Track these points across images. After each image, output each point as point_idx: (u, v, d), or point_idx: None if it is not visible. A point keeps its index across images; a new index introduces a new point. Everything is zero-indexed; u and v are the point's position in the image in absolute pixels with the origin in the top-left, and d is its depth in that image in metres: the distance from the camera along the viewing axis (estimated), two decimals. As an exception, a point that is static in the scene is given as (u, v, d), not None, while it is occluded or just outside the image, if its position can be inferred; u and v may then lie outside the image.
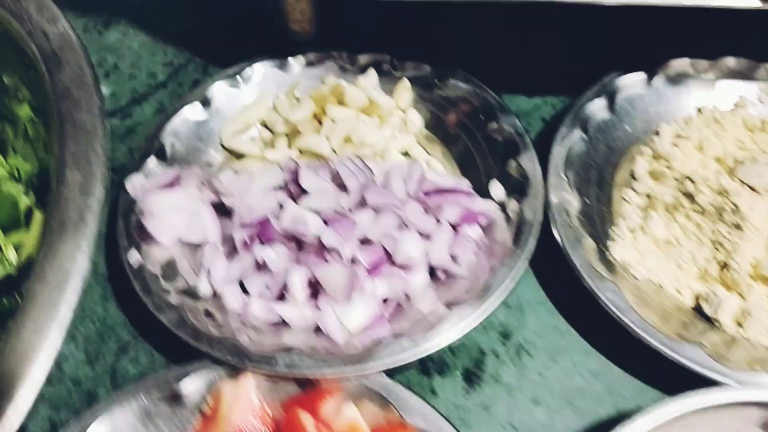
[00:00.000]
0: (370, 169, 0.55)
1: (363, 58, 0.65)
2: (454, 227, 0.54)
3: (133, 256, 0.53)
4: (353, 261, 0.51)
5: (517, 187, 0.56)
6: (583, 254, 0.52)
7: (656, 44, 0.64)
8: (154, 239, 0.54)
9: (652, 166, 0.60)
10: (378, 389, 0.47)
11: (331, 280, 0.50)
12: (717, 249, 0.54)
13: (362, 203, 0.54)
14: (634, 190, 0.59)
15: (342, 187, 0.55)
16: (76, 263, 0.42)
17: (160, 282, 0.52)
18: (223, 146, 0.62)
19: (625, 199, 0.59)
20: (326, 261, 0.51)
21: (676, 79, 0.63)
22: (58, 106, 0.48)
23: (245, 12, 0.73)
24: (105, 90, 0.69)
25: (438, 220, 0.54)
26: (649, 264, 0.54)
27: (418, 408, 0.46)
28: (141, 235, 0.54)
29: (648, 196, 0.58)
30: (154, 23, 0.74)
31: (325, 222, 0.53)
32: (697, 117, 0.62)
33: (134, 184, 0.56)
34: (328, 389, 0.48)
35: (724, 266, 0.53)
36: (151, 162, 0.58)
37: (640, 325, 0.49)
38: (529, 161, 0.57)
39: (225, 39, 0.71)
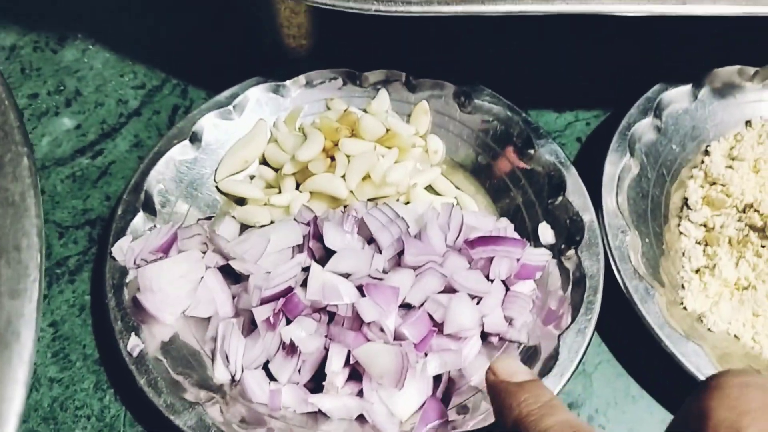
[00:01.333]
0: (403, 220, 0.47)
1: (372, 76, 0.56)
2: (504, 283, 0.47)
3: (132, 342, 0.44)
4: (398, 336, 0.44)
5: (570, 230, 0.49)
6: (656, 312, 0.46)
7: (692, 52, 0.58)
8: (153, 317, 0.46)
9: (707, 192, 0.54)
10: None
11: (376, 364, 0.43)
12: None
13: (398, 261, 0.47)
14: (691, 221, 0.53)
15: (371, 240, 0.47)
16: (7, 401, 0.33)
17: (169, 373, 0.44)
18: (218, 188, 0.53)
19: (682, 233, 0.53)
20: (366, 338, 0.44)
21: (723, 91, 0.57)
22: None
23: (228, 24, 0.63)
24: (68, 122, 0.58)
25: (487, 276, 0.47)
26: (722, 311, 0.48)
27: None
28: (138, 314, 0.46)
29: (706, 226, 0.53)
30: (118, 37, 0.63)
31: (359, 289, 0.45)
32: (747, 132, 0.56)
33: (122, 248, 0.47)
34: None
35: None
36: (138, 218, 0.49)
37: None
38: (579, 197, 0.50)
39: (205, 55, 0.62)
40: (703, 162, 0.56)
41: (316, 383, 0.45)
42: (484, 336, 0.47)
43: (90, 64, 0.62)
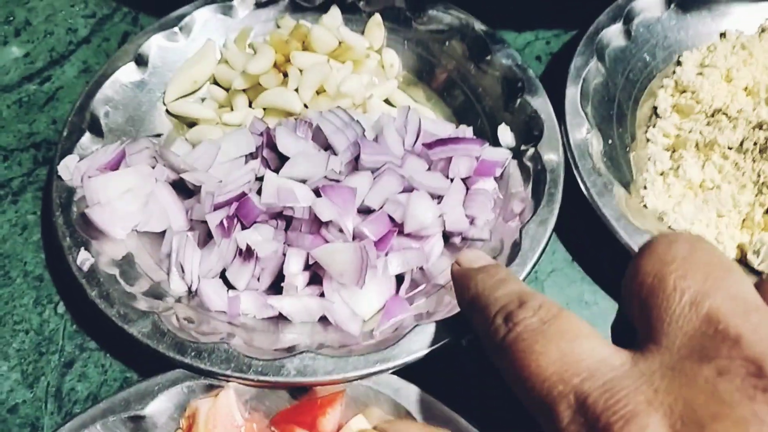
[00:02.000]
0: (358, 123, 0.46)
1: (321, -7, 0.55)
2: (464, 182, 0.46)
3: (81, 257, 0.43)
4: (357, 236, 0.42)
5: (529, 130, 0.48)
6: (613, 204, 0.45)
7: None
8: (104, 233, 0.44)
9: (677, 100, 0.53)
10: (388, 392, 0.39)
11: (335, 262, 0.41)
12: (761, 191, 0.48)
13: (355, 165, 0.45)
14: (660, 129, 0.52)
15: (326, 147, 0.46)
16: None
17: (121, 285, 0.42)
18: (168, 112, 0.52)
19: (649, 140, 0.52)
20: (325, 239, 0.42)
21: (698, 1, 0.56)
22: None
23: None
24: (17, 50, 0.57)
25: (447, 177, 0.46)
26: (685, 211, 0.48)
27: (438, 412, 0.38)
28: (87, 230, 0.44)
29: (676, 135, 0.52)
30: None
31: (316, 192, 0.44)
32: (721, 43, 0.55)
33: (68, 167, 0.46)
34: (327, 399, 0.39)
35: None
36: (85, 138, 0.48)
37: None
38: (538, 98, 0.49)
39: None
40: (674, 72, 0.55)
41: (276, 291, 0.43)
42: (447, 238, 0.46)
43: None
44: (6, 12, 0.59)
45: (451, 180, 0.46)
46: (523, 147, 0.48)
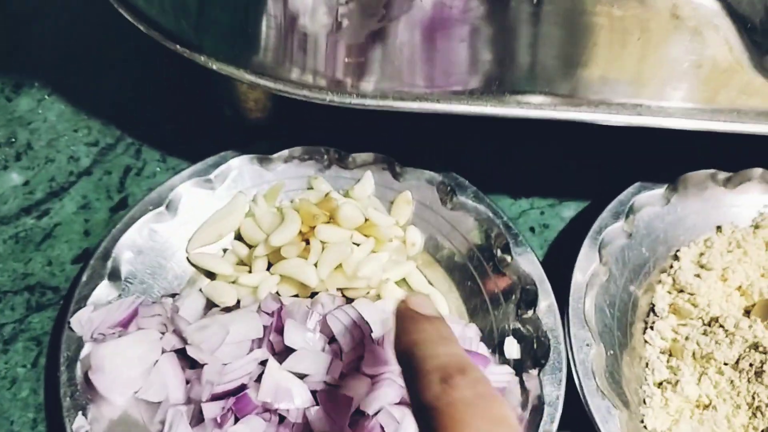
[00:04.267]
0: (367, 324, 0.47)
1: (359, 158, 0.56)
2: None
3: (78, 423, 0.44)
4: (347, 450, 0.43)
5: (535, 350, 0.48)
6: (615, 431, 0.46)
7: (666, 153, 0.57)
8: (103, 397, 0.45)
9: (674, 300, 0.54)
10: None
11: (319, 476, 0.42)
12: (755, 415, 0.48)
13: (357, 365, 0.46)
14: (657, 332, 0.52)
15: (332, 338, 0.47)
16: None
17: (110, 460, 0.43)
18: (188, 260, 0.53)
19: (647, 342, 0.52)
20: (313, 446, 0.43)
21: (695, 194, 0.57)
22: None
23: (188, 88, 0.62)
24: (17, 178, 0.57)
25: (444, 392, 0.46)
26: None
27: None
28: (88, 391, 0.45)
29: (673, 339, 0.52)
30: (75, 89, 0.62)
31: (312, 392, 0.44)
32: (718, 238, 0.56)
33: (81, 321, 0.47)
34: None
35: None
36: (102, 287, 0.49)
37: None
38: (550, 314, 0.49)
39: (163, 117, 0.61)
40: (672, 267, 0.55)
41: (260, 484, 0.44)
42: (436, 451, 0.46)
43: (44, 115, 0.60)
44: (8, 132, 0.59)
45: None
46: (525, 373, 0.48)
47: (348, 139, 0.56)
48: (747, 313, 0.53)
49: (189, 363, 0.47)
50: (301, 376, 0.45)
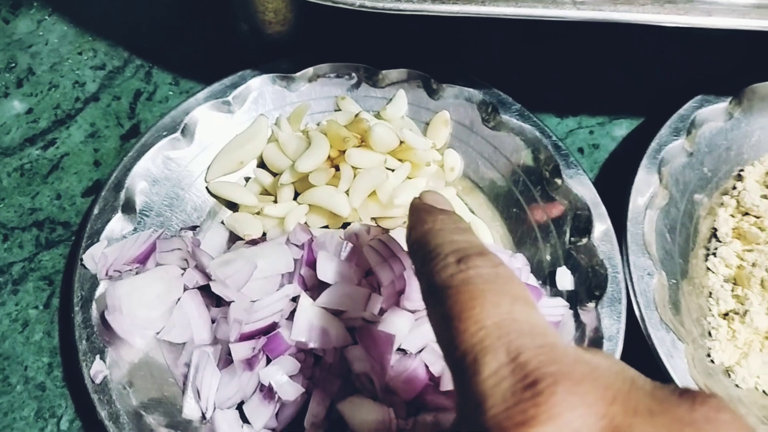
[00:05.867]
0: (406, 255, 0.42)
1: (391, 75, 0.50)
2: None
3: (95, 368, 0.40)
4: (390, 390, 0.39)
5: (590, 280, 0.44)
6: (681, 366, 0.42)
7: (727, 65, 0.52)
8: (121, 339, 0.42)
9: (738, 223, 0.49)
10: None
11: (359, 419, 0.38)
12: None
13: (396, 300, 0.42)
14: (720, 256, 0.48)
15: (368, 272, 0.43)
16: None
17: (133, 405, 0.40)
18: (208, 189, 0.48)
19: (710, 269, 0.48)
20: (354, 385, 0.39)
21: (761, 108, 0.52)
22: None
23: (201, 3, 0.57)
24: (19, 106, 0.52)
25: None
26: (752, 366, 0.44)
27: None
28: (104, 333, 0.41)
29: (738, 266, 0.48)
30: (78, 8, 0.56)
31: (349, 329, 0.40)
32: None
33: (95, 257, 0.43)
34: None
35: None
36: (116, 220, 0.45)
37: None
38: (607, 241, 0.45)
39: (174, 36, 0.55)
40: (735, 188, 0.51)
41: (295, 428, 0.41)
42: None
43: (45, 37, 0.55)
44: (7, 57, 0.54)
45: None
46: (580, 306, 0.43)
47: (378, 55, 0.51)
48: (820, 237, 0.48)
49: (214, 301, 0.43)
50: (337, 313, 0.41)
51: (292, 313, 0.41)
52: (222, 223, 0.48)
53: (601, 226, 0.45)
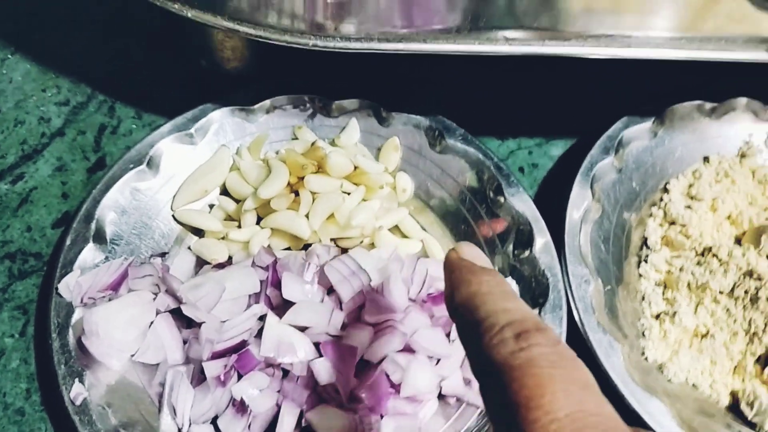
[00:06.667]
0: (365, 272, 0.46)
1: (343, 105, 0.54)
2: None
3: (75, 390, 0.42)
4: (353, 399, 0.42)
5: (534, 290, 0.48)
6: (618, 364, 0.46)
7: (652, 87, 0.57)
8: (98, 362, 0.44)
9: (666, 232, 0.54)
10: None
11: (328, 427, 0.41)
12: (752, 341, 0.49)
13: (357, 315, 0.45)
14: (651, 264, 0.53)
15: (330, 289, 0.46)
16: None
17: (112, 424, 0.42)
18: (174, 218, 0.51)
19: (642, 275, 0.52)
20: (320, 396, 0.42)
21: (682, 126, 0.57)
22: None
23: (162, 40, 0.59)
24: None
25: (449, 334, 0.46)
26: (682, 362, 0.49)
27: None
28: (82, 358, 0.44)
29: (667, 271, 0.52)
30: (40, 47, 0.58)
31: (315, 345, 0.43)
32: (705, 169, 0.56)
33: (69, 286, 0.45)
34: None
35: (759, 360, 0.49)
36: (88, 250, 0.47)
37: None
38: (547, 253, 0.49)
39: (135, 71, 0.58)
40: (662, 200, 0.55)
41: (267, 438, 0.43)
42: (442, 395, 0.46)
43: (9, 76, 0.57)
44: None
45: (452, 340, 0.45)
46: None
47: (331, 86, 0.54)
48: (738, 241, 0.53)
49: (185, 323, 0.46)
50: (303, 329, 0.44)
51: (260, 331, 0.44)
52: (189, 248, 0.50)
53: (542, 239, 0.49)
